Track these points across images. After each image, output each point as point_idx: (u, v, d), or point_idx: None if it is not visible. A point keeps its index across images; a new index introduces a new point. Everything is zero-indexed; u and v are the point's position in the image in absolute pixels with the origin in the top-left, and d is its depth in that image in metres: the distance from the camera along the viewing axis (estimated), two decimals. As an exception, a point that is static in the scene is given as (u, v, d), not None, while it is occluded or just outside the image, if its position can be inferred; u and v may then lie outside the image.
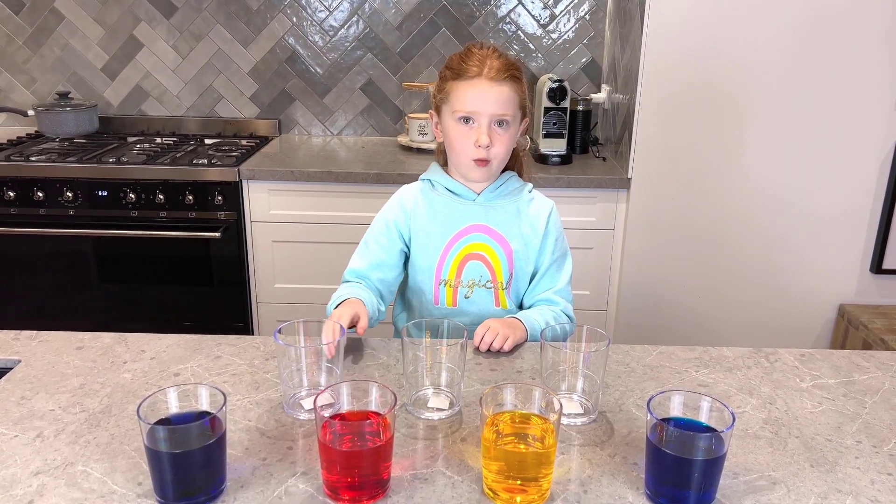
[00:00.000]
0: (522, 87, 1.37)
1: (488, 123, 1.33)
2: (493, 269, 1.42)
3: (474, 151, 1.34)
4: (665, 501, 0.88)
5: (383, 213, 1.47)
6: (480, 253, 1.42)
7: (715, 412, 0.91)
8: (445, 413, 1.07)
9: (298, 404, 1.07)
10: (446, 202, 1.43)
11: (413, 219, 1.43)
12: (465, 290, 1.42)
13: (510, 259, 1.42)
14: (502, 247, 1.42)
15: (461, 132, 1.35)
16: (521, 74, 1.37)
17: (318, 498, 0.88)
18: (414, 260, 1.44)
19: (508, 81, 1.33)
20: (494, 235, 1.42)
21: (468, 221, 1.42)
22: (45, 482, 0.90)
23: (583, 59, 2.82)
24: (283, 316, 2.50)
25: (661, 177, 2.30)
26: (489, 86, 1.32)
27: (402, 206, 1.44)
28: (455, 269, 1.42)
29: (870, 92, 2.19)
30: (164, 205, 2.37)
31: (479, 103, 1.32)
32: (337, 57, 2.84)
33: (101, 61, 2.85)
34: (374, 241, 1.44)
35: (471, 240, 1.41)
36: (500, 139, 1.34)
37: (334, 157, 2.57)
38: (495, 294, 1.43)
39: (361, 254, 1.45)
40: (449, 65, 1.38)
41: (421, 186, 1.46)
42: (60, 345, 1.25)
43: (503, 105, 1.33)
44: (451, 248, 1.41)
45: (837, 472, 0.96)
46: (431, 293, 1.43)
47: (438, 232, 1.42)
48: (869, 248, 2.34)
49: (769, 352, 1.29)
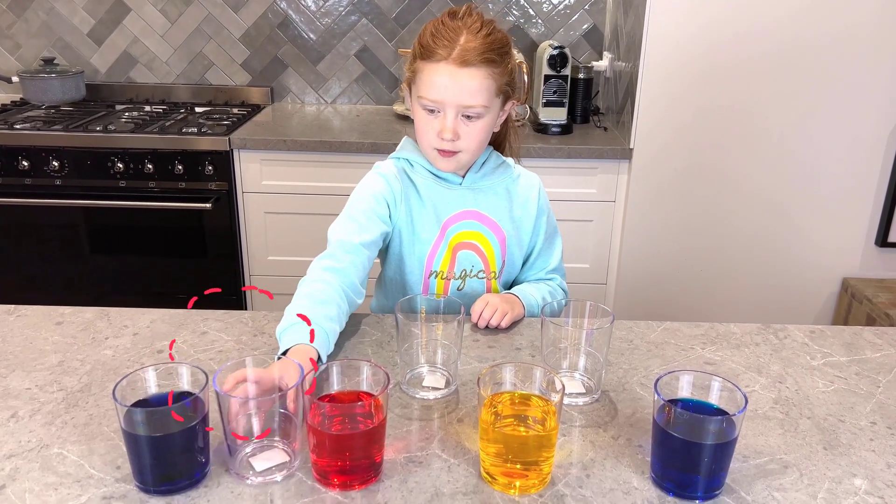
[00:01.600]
0: (504, 69, 1.18)
1: (455, 115, 1.17)
2: (485, 259, 1.31)
3: (438, 142, 1.19)
4: (671, 486, 0.84)
5: (367, 187, 1.27)
6: (472, 242, 1.30)
7: (725, 393, 0.86)
8: (441, 392, 1.02)
9: (248, 464, 0.85)
10: (432, 186, 1.28)
11: (404, 200, 1.27)
12: (457, 283, 1.31)
13: (503, 246, 1.32)
14: (495, 233, 1.31)
15: (426, 120, 1.19)
16: (501, 56, 1.17)
17: (306, 483, 0.84)
18: (402, 250, 1.29)
19: (483, 66, 1.15)
20: (486, 221, 1.30)
21: (458, 207, 1.28)
22: (19, 465, 0.85)
23: (584, 25, 2.74)
24: (276, 289, 2.44)
25: (664, 148, 2.24)
26: (456, 72, 1.14)
27: (389, 182, 1.27)
28: (447, 260, 1.30)
29: (878, 63, 2.12)
30: (154, 175, 2.30)
31: (444, 92, 1.15)
32: (330, 22, 2.75)
33: (87, 26, 2.76)
34: (363, 213, 1.24)
35: (462, 227, 1.29)
36: (468, 132, 1.19)
37: (328, 127, 2.50)
38: (487, 284, 1.33)
39: (349, 227, 1.24)
40: (420, 38, 1.19)
41: (398, 165, 1.29)
42: (39, 320, 1.19)
43: (472, 95, 1.15)
44: (443, 237, 1.29)
45: (852, 454, 0.92)
46: (419, 285, 1.30)
47: (428, 221, 1.28)
48: (874, 221, 2.29)
49: (778, 328, 1.25)
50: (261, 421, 0.86)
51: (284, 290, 2.47)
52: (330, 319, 1.09)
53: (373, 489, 0.83)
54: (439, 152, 1.22)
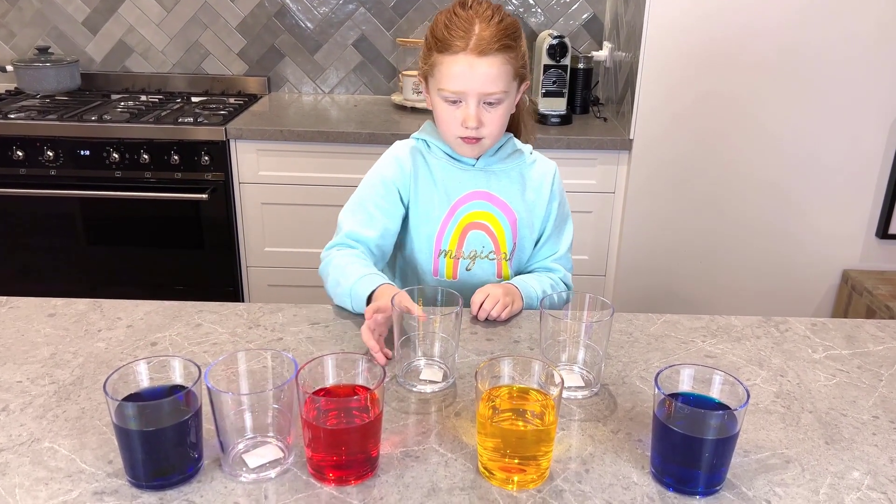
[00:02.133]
0: (518, 52, 1.21)
1: (477, 103, 1.20)
2: (496, 240, 1.32)
3: (462, 131, 1.22)
4: (671, 481, 0.83)
5: (380, 172, 1.31)
6: (483, 222, 1.32)
7: (727, 387, 0.84)
8: (438, 386, 1.01)
9: (240, 461, 0.84)
10: (444, 166, 1.31)
11: (412, 180, 1.30)
12: (466, 262, 1.32)
13: (514, 228, 1.33)
14: (506, 215, 1.32)
15: (447, 111, 1.23)
16: (515, 40, 1.20)
17: (301, 478, 0.83)
18: (412, 228, 1.32)
19: (500, 52, 1.17)
20: (497, 203, 1.32)
21: (469, 188, 1.31)
22: (9, 460, 0.84)
23: (584, 14, 2.71)
24: (273, 280, 2.43)
25: (664, 138, 2.22)
26: (476, 61, 1.17)
27: (401, 165, 1.31)
28: (456, 239, 1.31)
29: (879, 54, 2.10)
30: (150, 165, 2.28)
31: (465, 82, 1.18)
32: (328, 11, 2.72)
33: (82, 14, 2.73)
34: (374, 204, 1.29)
35: (472, 208, 1.31)
36: (490, 118, 1.22)
37: (325, 117, 2.48)
38: (498, 265, 1.34)
39: (359, 217, 1.29)
40: (433, 30, 1.21)
41: (415, 146, 1.34)
42: (31, 311, 1.18)
43: (493, 82, 1.18)
44: (452, 217, 1.31)
45: (854, 449, 0.90)
46: (430, 264, 1.32)
47: (439, 199, 1.30)
48: (875, 213, 2.28)
49: (779, 321, 1.23)
50: (254, 416, 0.85)
51: (281, 282, 2.48)
52: (374, 267, 1.23)
53: (369, 484, 0.82)
54: (463, 140, 1.25)
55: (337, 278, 1.21)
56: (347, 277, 1.19)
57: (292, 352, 1.08)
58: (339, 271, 1.21)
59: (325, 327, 1.17)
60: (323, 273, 1.27)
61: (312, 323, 1.18)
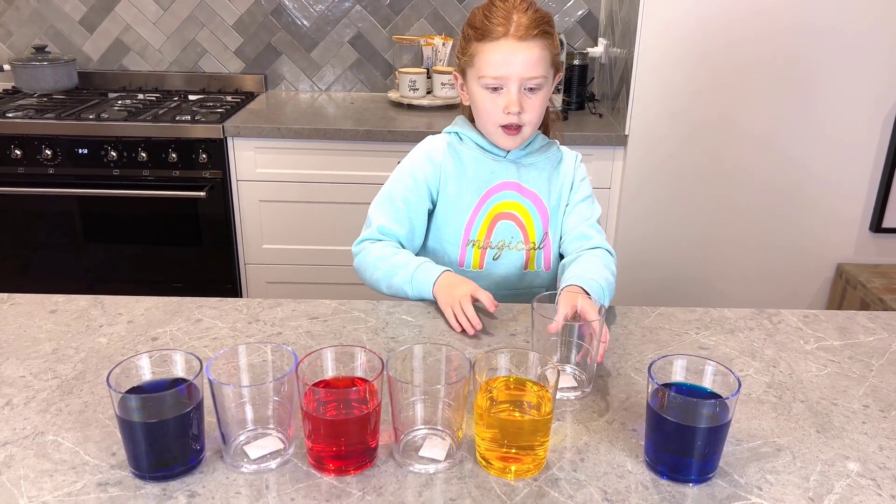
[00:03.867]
0: (555, 41, 1.25)
1: (518, 88, 1.22)
2: (525, 230, 1.34)
3: (504, 118, 1.24)
4: (665, 469, 0.84)
5: (410, 166, 1.34)
6: (512, 212, 1.33)
7: (719, 377, 0.86)
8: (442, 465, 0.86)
9: (242, 452, 0.86)
10: (476, 157, 1.33)
11: (443, 174, 1.33)
12: (493, 252, 1.34)
13: (544, 218, 1.35)
14: (536, 206, 1.34)
15: (489, 99, 1.25)
16: (552, 27, 1.24)
17: (301, 468, 0.84)
18: (440, 219, 1.35)
19: (539, 38, 1.21)
20: (527, 194, 1.34)
21: (499, 178, 1.33)
22: (14, 453, 0.85)
23: (579, 11, 2.73)
24: (271, 277, 2.44)
25: (659, 134, 2.24)
26: (517, 46, 1.20)
27: (431, 159, 1.34)
28: (485, 229, 1.33)
29: (873, 47, 2.11)
30: (147, 163, 2.29)
31: (507, 68, 1.21)
32: (324, 9, 2.73)
33: (78, 13, 2.74)
34: (402, 199, 1.32)
35: (502, 198, 1.33)
36: (531, 104, 1.24)
37: (322, 114, 2.49)
38: (526, 255, 1.35)
39: (388, 211, 1.33)
40: (471, 22, 1.25)
41: (448, 139, 1.36)
42: (33, 308, 1.19)
43: (534, 67, 1.21)
44: (481, 207, 1.33)
45: (844, 437, 0.92)
46: (457, 254, 1.34)
47: (469, 189, 1.32)
48: (868, 207, 2.30)
49: (772, 313, 1.25)
50: (255, 408, 0.86)
51: (279, 279, 2.49)
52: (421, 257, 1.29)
53: (368, 474, 0.84)
54: (504, 130, 1.27)
55: (390, 269, 1.27)
56: (405, 268, 1.25)
57: (292, 346, 1.10)
58: (387, 262, 1.27)
59: (324, 322, 1.18)
60: (362, 265, 1.32)
61: (311, 317, 1.19)
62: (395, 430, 0.86)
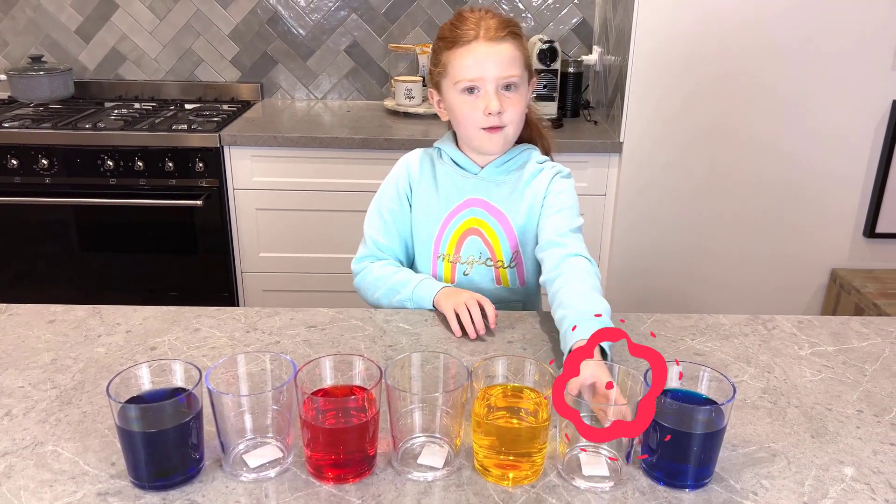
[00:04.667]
0: (525, 45, 1.28)
1: (495, 88, 1.24)
2: (491, 247, 1.35)
3: (485, 120, 1.25)
4: (662, 475, 0.85)
5: (391, 178, 1.39)
6: (479, 229, 1.35)
7: (714, 383, 0.87)
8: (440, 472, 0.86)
9: (241, 461, 0.86)
10: (449, 172, 1.36)
11: (416, 185, 1.36)
12: (464, 267, 1.36)
13: (511, 236, 1.34)
14: (501, 224, 1.34)
15: (467, 103, 1.26)
16: (520, 30, 1.28)
17: (301, 477, 0.85)
18: (413, 231, 1.38)
19: (509, 39, 1.24)
20: (493, 212, 1.34)
21: (467, 195, 1.34)
22: (13, 463, 0.85)
23: (573, 19, 2.75)
24: (268, 285, 2.45)
25: (654, 141, 2.25)
26: (489, 47, 1.23)
27: (409, 169, 1.38)
28: (454, 243, 1.35)
29: (866, 54, 2.13)
30: (144, 172, 2.30)
31: (482, 68, 1.23)
32: (320, 18, 2.74)
33: (74, 23, 2.74)
34: (388, 210, 1.36)
35: (470, 214, 1.34)
36: (510, 102, 1.25)
37: (319, 122, 2.50)
38: (496, 272, 1.36)
39: (378, 225, 1.36)
40: (441, 35, 1.28)
41: (429, 152, 1.39)
42: (31, 318, 1.19)
43: (507, 66, 1.23)
44: (450, 222, 1.35)
45: (839, 442, 0.93)
46: (429, 268, 1.37)
47: (439, 202, 1.35)
48: (862, 212, 2.31)
49: (766, 319, 1.26)
50: (254, 417, 0.86)
51: (276, 287, 2.49)
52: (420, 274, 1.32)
53: (367, 482, 0.84)
54: (487, 131, 1.27)
55: (391, 288, 1.30)
56: (405, 285, 1.28)
57: (290, 354, 1.10)
58: (388, 281, 1.31)
59: (322, 330, 1.19)
60: (362, 285, 1.35)
61: (309, 326, 1.20)
62: (393, 437, 0.87)
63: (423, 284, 1.27)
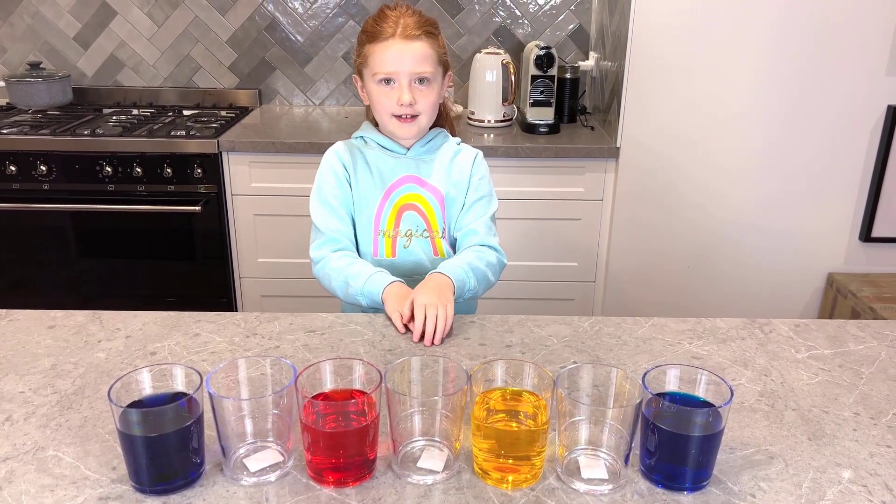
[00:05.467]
0: (440, 42, 1.38)
1: (409, 82, 1.34)
2: (427, 219, 1.44)
3: (398, 109, 1.36)
4: (660, 478, 0.86)
5: (325, 168, 1.45)
6: (415, 203, 1.44)
7: (712, 386, 0.88)
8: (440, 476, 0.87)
9: (241, 465, 0.86)
10: (379, 155, 1.44)
11: (352, 171, 1.44)
12: (403, 241, 1.44)
13: (443, 207, 1.45)
14: (434, 196, 1.44)
15: (384, 93, 1.36)
16: (436, 30, 1.38)
17: (301, 481, 0.85)
18: (353, 211, 1.45)
19: (424, 38, 1.34)
20: (426, 186, 1.44)
21: (401, 172, 1.44)
22: (14, 468, 0.86)
23: (570, 25, 2.76)
24: (266, 291, 2.45)
25: (651, 146, 2.26)
26: (404, 44, 1.33)
27: (340, 157, 1.44)
28: (393, 219, 1.43)
29: (861, 59, 2.15)
30: (142, 178, 2.30)
31: (397, 63, 1.33)
32: (318, 24, 2.76)
33: (73, 30, 2.75)
34: (333, 196, 1.42)
35: (405, 190, 1.44)
36: (422, 94, 1.36)
37: (317, 128, 2.51)
38: (432, 243, 1.45)
39: (326, 213, 1.42)
40: (365, 28, 1.38)
41: (351, 143, 1.47)
42: (31, 324, 1.20)
43: (421, 62, 1.34)
44: (387, 199, 1.43)
45: (836, 444, 0.94)
46: (371, 245, 1.44)
47: (375, 183, 1.43)
48: (858, 216, 2.32)
49: (763, 322, 1.27)
50: (254, 421, 0.87)
51: (274, 292, 2.50)
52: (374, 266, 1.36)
53: (367, 486, 0.84)
54: (399, 119, 1.38)
55: (345, 280, 1.35)
56: (357, 278, 1.33)
57: (290, 359, 1.10)
58: (343, 273, 1.36)
59: (321, 335, 1.19)
60: (320, 275, 1.41)
61: (308, 331, 1.20)
62: (393, 441, 0.87)
63: (373, 279, 1.32)
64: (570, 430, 0.86)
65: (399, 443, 0.88)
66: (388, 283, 1.31)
